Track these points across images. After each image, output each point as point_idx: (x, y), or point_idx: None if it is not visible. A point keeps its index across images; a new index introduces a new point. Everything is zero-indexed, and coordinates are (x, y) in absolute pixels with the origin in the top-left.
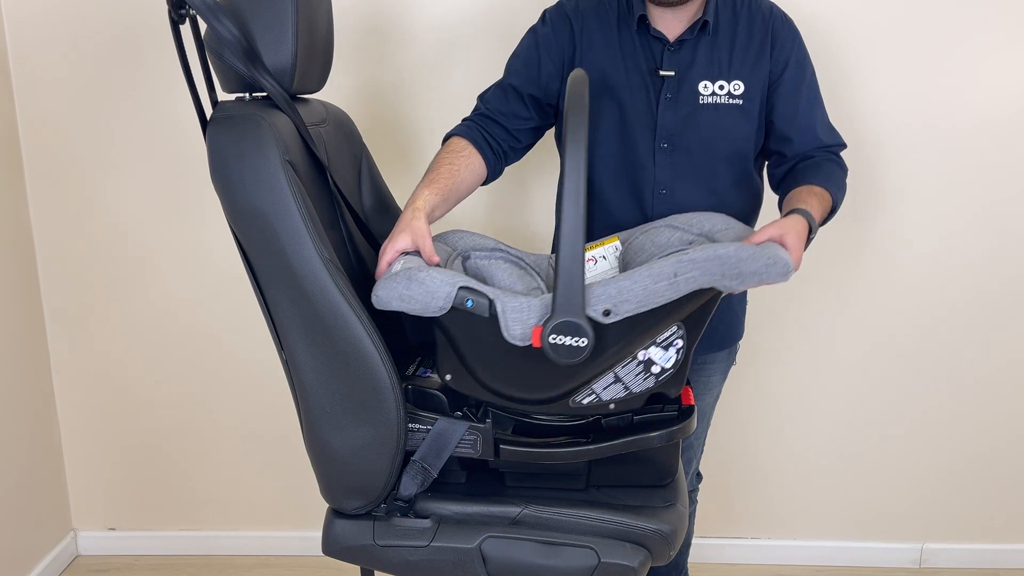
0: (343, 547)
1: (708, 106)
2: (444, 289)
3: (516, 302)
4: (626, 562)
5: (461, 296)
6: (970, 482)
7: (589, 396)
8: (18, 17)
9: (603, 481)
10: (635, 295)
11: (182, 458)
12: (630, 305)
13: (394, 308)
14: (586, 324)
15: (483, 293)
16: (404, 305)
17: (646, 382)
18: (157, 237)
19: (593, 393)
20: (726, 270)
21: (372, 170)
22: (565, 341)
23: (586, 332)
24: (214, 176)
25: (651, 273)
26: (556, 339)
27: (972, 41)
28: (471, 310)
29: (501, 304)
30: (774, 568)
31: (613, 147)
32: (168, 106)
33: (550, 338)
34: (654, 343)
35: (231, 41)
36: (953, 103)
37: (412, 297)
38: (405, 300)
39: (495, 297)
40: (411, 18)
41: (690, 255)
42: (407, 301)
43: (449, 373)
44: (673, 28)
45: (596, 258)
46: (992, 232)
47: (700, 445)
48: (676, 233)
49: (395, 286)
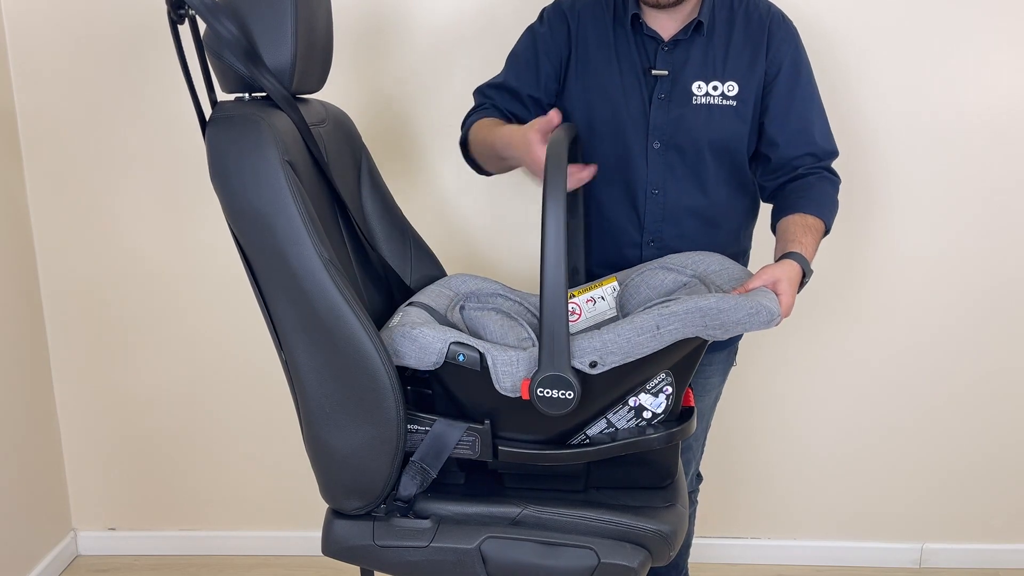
0: (343, 547)
1: (701, 107)
2: (436, 345)
3: (505, 355)
4: (626, 562)
5: (453, 351)
6: (970, 482)
7: (583, 440)
8: (18, 16)
9: (602, 482)
10: (620, 347)
11: (182, 458)
12: (616, 357)
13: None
14: (572, 377)
15: (474, 347)
16: (399, 360)
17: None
18: (157, 237)
19: (587, 437)
20: (708, 321)
21: (372, 170)
22: (552, 394)
23: (572, 385)
24: (213, 176)
25: (634, 326)
26: (544, 392)
27: (973, 41)
28: (463, 364)
29: (491, 358)
30: (774, 568)
31: (606, 147)
32: (168, 106)
33: (538, 391)
34: (644, 390)
35: (231, 41)
36: (954, 103)
37: (406, 353)
38: (399, 356)
39: (485, 351)
40: (411, 18)
41: (671, 308)
42: (401, 356)
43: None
44: (667, 28)
45: (595, 299)
46: (992, 233)
47: (700, 446)
48: (670, 275)
49: (389, 343)
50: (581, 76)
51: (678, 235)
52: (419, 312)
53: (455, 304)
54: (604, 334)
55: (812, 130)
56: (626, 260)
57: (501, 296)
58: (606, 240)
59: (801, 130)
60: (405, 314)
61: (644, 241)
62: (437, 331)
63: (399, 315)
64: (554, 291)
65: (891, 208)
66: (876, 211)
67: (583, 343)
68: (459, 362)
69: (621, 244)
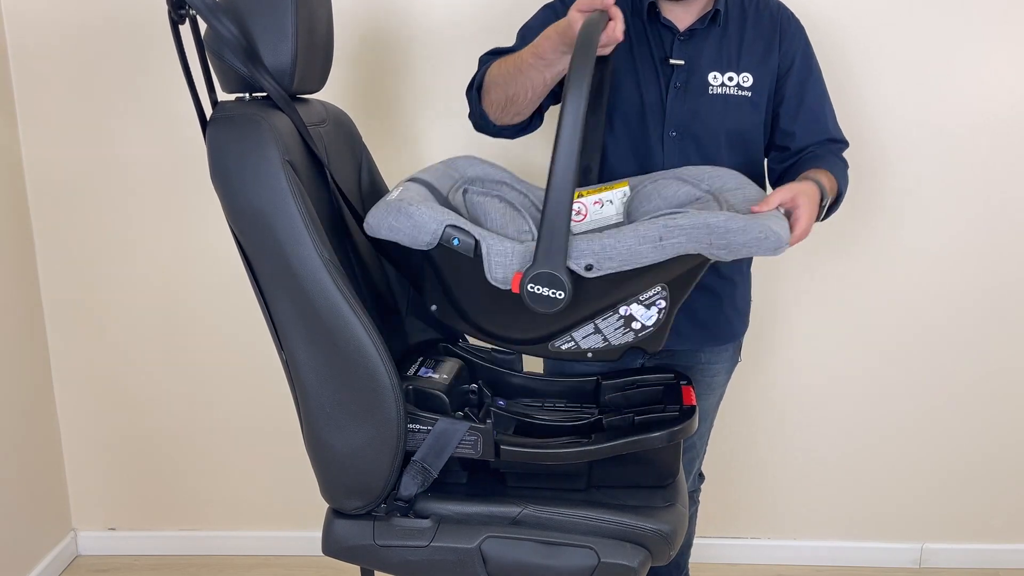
0: (343, 547)
1: (717, 96)
2: (432, 226)
3: (501, 246)
4: (626, 562)
5: (448, 234)
6: (970, 482)
7: (568, 343)
8: (18, 17)
9: (604, 481)
10: (619, 254)
11: (182, 458)
12: (613, 263)
13: (383, 237)
14: (565, 277)
15: (470, 233)
16: (392, 235)
17: (625, 336)
18: (157, 237)
19: (572, 340)
20: (714, 239)
21: (372, 170)
22: (543, 291)
23: (564, 285)
24: (214, 176)
25: (637, 234)
26: (534, 288)
27: (975, 40)
28: (456, 248)
29: (486, 246)
30: (774, 568)
31: (623, 135)
32: (168, 106)
33: (528, 287)
34: (636, 300)
35: (231, 41)
36: (956, 103)
37: (399, 229)
38: (393, 231)
39: (481, 238)
40: (411, 18)
41: (678, 220)
42: (395, 232)
43: (435, 304)
44: (683, 19)
45: (603, 201)
46: (994, 232)
47: (703, 446)
48: (684, 187)
49: (385, 216)
50: None
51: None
52: (419, 189)
53: (458, 187)
54: (605, 238)
55: (826, 121)
56: None
57: (507, 185)
58: None
59: (815, 120)
60: (405, 188)
61: None
62: (435, 211)
63: (398, 189)
64: (561, 185)
65: (891, 208)
66: (876, 211)
67: (582, 244)
68: (453, 246)
69: None
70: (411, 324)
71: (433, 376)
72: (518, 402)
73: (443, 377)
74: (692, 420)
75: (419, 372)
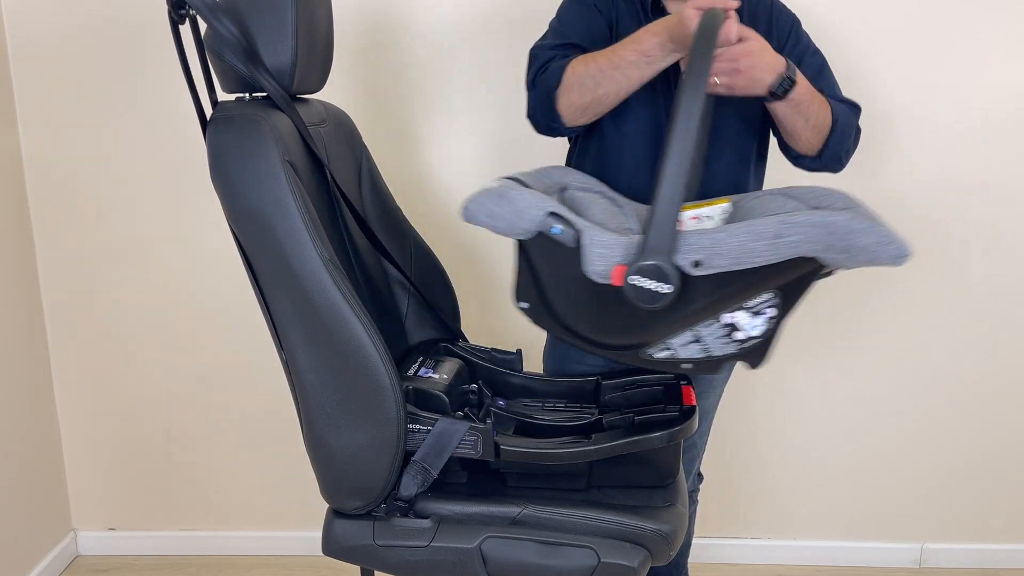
0: (343, 547)
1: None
2: (532, 212)
3: (603, 236)
4: (626, 562)
5: (548, 221)
6: (970, 482)
7: (664, 351)
8: (18, 17)
9: (604, 481)
10: (731, 250)
11: (182, 458)
12: (723, 260)
13: (481, 223)
14: (672, 271)
15: (571, 223)
16: (491, 222)
17: (727, 347)
18: (157, 237)
19: (669, 348)
20: (835, 240)
21: (372, 170)
22: (648, 285)
23: (671, 279)
24: (214, 176)
25: (752, 230)
26: (638, 281)
27: (974, 40)
28: (557, 238)
29: (588, 236)
30: (774, 568)
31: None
32: (168, 106)
33: (632, 279)
34: (742, 307)
35: (231, 41)
36: (956, 103)
37: (500, 215)
38: (493, 217)
39: (583, 228)
40: (411, 18)
41: (797, 217)
42: (494, 218)
43: (526, 302)
44: None
45: (702, 216)
46: (993, 232)
47: (703, 445)
48: (791, 202)
49: (485, 201)
50: None
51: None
52: (515, 184)
53: (555, 189)
54: (717, 232)
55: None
56: None
57: (600, 191)
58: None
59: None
60: (501, 182)
61: None
62: (537, 198)
63: (496, 181)
64: (674, 175)
65: (891, 208)
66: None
67: (691, 238)
68: (553, 235)
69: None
70: (411, 324)
71: (433, 376)
72: (518, 402)
73: (443, 377)
74: (692, 420)
75: (419, 372)
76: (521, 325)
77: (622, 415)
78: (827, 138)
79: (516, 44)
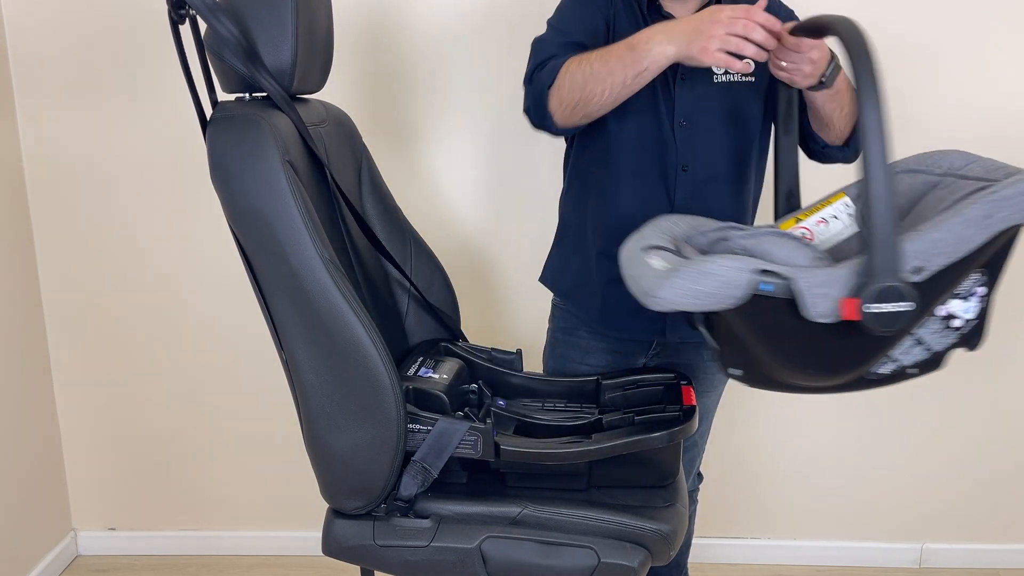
0: (343, 547)
1: (723, 84)
2: (742, 276)
3: (818, 276)
4: (626, 562)
5: (757, 279)
6: (970, 482)
7: (888, 365)
8: (18, 17)
9: (604, 482)
10: (947, 246)
11: (182, 458)
12: (942, 258)
13: (684, 308)
14: (907, 287)
15: (778, 273)
16: (696, 301)
17: (946, 338)
18: (157, 237)
19: (893, 361)
20: None
21: (372, 170)
22: (887, 308)
23: (908, 295)
24: (214, 176)
25: (962, 219)
26: (877, 308)
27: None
28: (770, 294)
29: (803, 281)
30: (774, 568)
31: (634, 126)
32: (168, 106)
33: (869, 308)
34: (952, 295)
35: (231, 41)
36: (955, 103)
37: (705, 292)
38: (700, 296)
39: (793, 275)
40: (411, 18)
41: (1000, 193)
42: (699, 296)
43: (738, 368)
44: (682, 11)
45: (827, 219)
46: None
47: (702, 445)
48: (919, 177)
49: (683, 283)
50: None
51: (704, 208)
52: (669, 255)
53: (687, 242)
54: (928, 233)
55: None
56: None
57: (733, 228)
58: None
59: None
60: (663, 257)
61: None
62: (733, 260)
63: (655, 259)
64: (882, 190)
65: None
66: None
67: (906, 246)
68: (767, 292)
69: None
70: (411, 324)
71: (433, 376)
72: (518, 402)
73: (443, 377)
74: (692, 420)
75: (419, 372)
76: (521, 325)
77: (622, 415)
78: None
79: (515, 44)
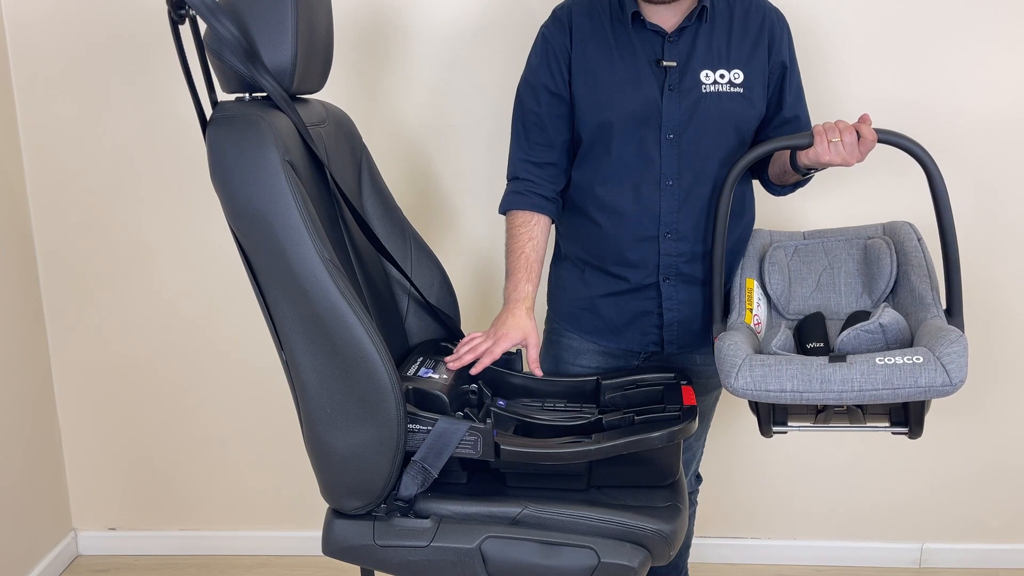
0: (343, 547)
1: (711, 95)
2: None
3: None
4: (626, 562)
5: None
6: (970, 482)
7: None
8: (18, 17)
9: (604, 481)
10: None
11: (182, 458)
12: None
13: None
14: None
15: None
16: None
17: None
18: (157, 237)
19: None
20: None
21: (372, 170)
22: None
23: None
24: (214, 176)
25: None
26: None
27: (972, 42)
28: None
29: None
30: (774, 568)
31: (618, 144)
32: (168, 106)
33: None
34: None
35: (231, 41)
36: (954, 104)
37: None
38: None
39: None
40: (412, 18)
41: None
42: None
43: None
44: (668, 21)
45: (756, 305)
46: (991, 232)
47: (700, 446)
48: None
49: (900, 376)
50: (585, 80)
51: (693, 225)
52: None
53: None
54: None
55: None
56: (642, 255)
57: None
58: (622, 236)
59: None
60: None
61: (661, 234)
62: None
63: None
64: (957, 257)
65: (889, 208)
66: (875, 210)
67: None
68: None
69: (637, 238)
70: (411, 324)
71: (433, 376)
72: (518, 402)
73: (443, 377)
74: (692, 420)
75: (419, 372)
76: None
77: (622, 415)
78: (799, 181)
79: (515, 44)
